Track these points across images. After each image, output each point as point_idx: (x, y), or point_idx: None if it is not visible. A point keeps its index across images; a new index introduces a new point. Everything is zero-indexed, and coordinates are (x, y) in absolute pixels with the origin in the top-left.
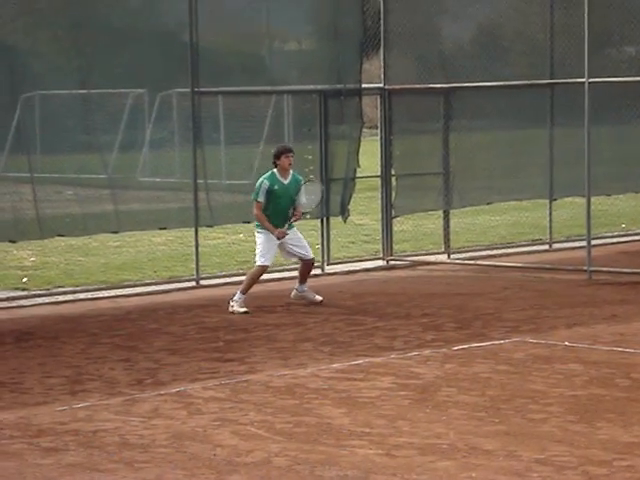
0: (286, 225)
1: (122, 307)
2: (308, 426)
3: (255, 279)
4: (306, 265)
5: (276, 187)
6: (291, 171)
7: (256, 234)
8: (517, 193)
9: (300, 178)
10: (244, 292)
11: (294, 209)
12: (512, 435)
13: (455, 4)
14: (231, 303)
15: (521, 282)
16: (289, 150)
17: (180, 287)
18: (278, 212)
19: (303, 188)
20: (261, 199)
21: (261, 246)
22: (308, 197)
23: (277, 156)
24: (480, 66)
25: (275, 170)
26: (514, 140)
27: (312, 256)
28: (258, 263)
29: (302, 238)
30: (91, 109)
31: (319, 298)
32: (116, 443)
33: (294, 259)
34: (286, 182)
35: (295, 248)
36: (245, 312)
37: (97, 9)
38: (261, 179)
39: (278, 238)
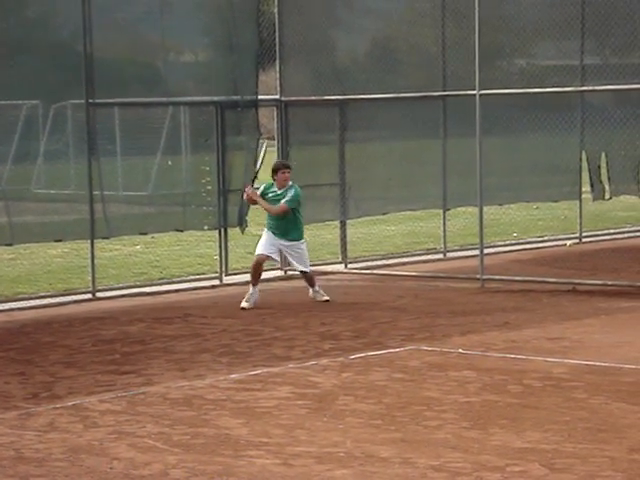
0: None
1: (17, 320)
2: (206, 437)
3: (254, 270)
4: (304, 276)
5: (270, 195)
6: (290, 183)
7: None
8: (412, 203)
9: (295, 187)
10: (254, 284)
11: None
12: (408, 442)
13: (348, 17)
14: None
15: (416, 291)
16: (286, 166)
17: (76, 299)
18: (274, 219)
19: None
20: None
21: (262, 239)
22: None
23: (274, 171)
24: (374, 78)
25: (274, 182)
26: (408, 151)
27: (305, 269)
28: (256, 253)
29: (304, 252)
30: None
31: (326, 297)
32: (11, 457)
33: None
34: (280, 191)
35: (290, 258)
36: (243, 308)
37: None
38: (262, 185)
39: (246, 197)
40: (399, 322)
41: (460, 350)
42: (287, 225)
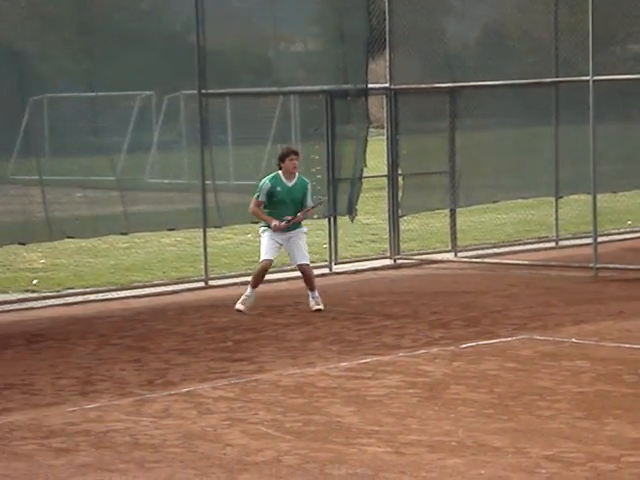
0: (285, 221)
1: (132, 308)
2: (317, 425)
3: (258, 274)
4: (302, 272)
5: (279, 189)
6: (297, 174)
7: (260, 234)
8: (523, 191)
9: (307, 181)
10: (254, 286)
11: (301, 210)
12: (520, 432)
13: (460, 4)
14: (241, 299)
15: (528, 280)
16: (294, 152)
17: (189, 288)
18: (281, 215)
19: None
20: (261, 198)
21: (262, 246)
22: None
23: (281, 158)
24: (485, 65)
25: (280, 172)
26: (520, 138)
27: (304, 261)
28: (260, 260)
29: (304, 245)
30: (99, 111)
31: (319, 306)
32: (127, 443)
33: (293, 264)
34: (290, 184)
35: (291, 250)
36: (238, 310)
37: (105, 12)
38: (264, 179)
39: (274, 230)
40: (511, 311)
41: (573, 339)
42: (293, 214)
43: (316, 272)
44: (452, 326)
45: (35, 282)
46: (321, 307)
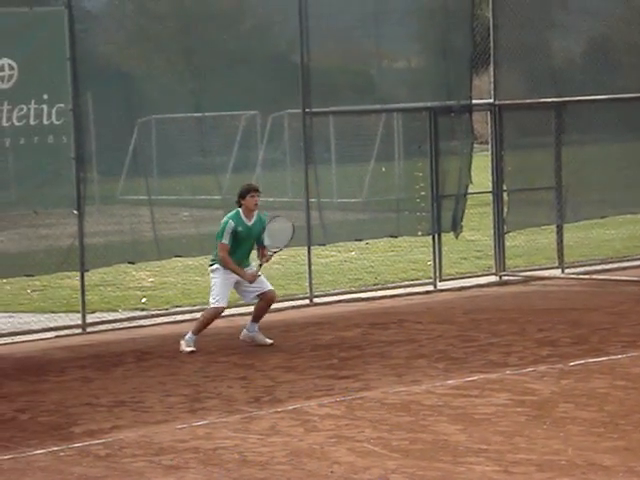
0: (257, 267)
1: (238, 325)
2: (424, 443)
3: (209, 321)
4: (267, 300)
5: (240, 228)
6: (256, 212)
7: (211, 274)
8: (632, 206)
9: (264, 218)
10: (195, 333)
11: (259, 250)
12: (631, 450)
13: (565, 18)
14: (181, 342)
15: (638, 296)
16: (255, 189)
17: (294, 305)
18: (241, 254)
19: (268, 227)
20: (225, 241)
21: (216, 288)
22: (273, 237)
23: (242, 195)
24: (591, 79)
25: (240, 210)
26: (627, 153)
27: (271, 287)
28: (213, 305)
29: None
30: (205, 131)
31: (269, 341)
32: (235, 460)
33: (251, 298)
34: (250, 223)
35: (252, 285)
36: (192, 351)
37: (209, 33)
38: (226, 219)
39: (250, 282)
40: (620, 328)
41: None
42: (248, 256)
43: (421, 289)
44: (560, 344)
45: (144, 300)
46: (271, 342)
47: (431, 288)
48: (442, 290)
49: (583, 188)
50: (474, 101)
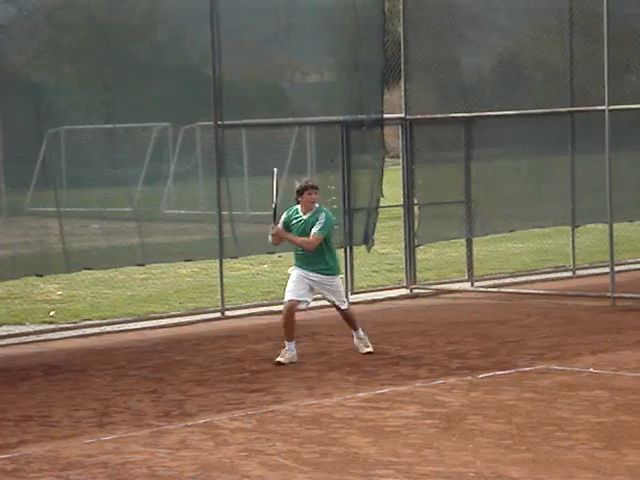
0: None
1: (148, 339)
2: (335, 456)
3: (285, 316)
4: (342, 313)
5: (294, 222)
6: (317, 206)
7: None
8: (539, 220)
9: (323, 213)
10: (288, 340)
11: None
12: (539, 463)
13: (475, 34)
14: (284, 354)
15: (545, 309)
16: (313, 187)
17: (205, 318)
18: (297, 248)
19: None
20: (279, 224)
21: (289, 282)
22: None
23: (300, 192)
24: (501, 95)
25: (298, 207)
26: (536, 168)
27: (345, 306)
28: (285, 299)
29: (339, 288)
30: (116, 143)
31: (367, 349)
32: (144, 475)
33: (328, 300)
34: (305, 217)
35: (328, 295)
36: (279, 363)
37: (122, 44)
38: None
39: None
40: (528, 341)
41: (591, 369)
42: (317, 258)
43: None
44: (469, 356)
45: (52, 314)
46: (372, 350)
47: None
48: (354, 303)
49: (492, 202)
50: (385, 115)
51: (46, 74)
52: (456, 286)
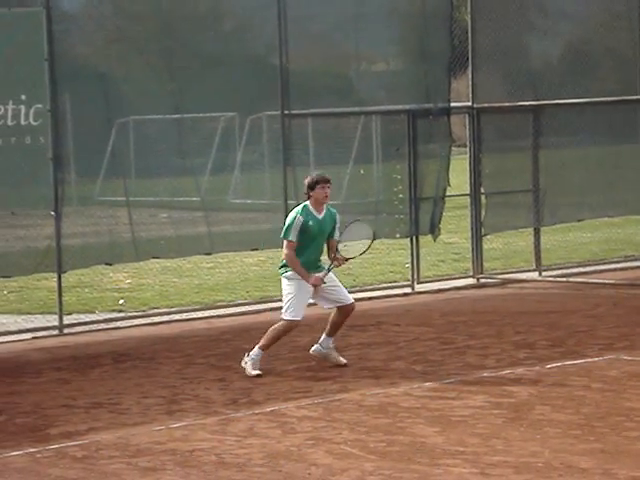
0: (325, 271)
1: (216, 327)
2: (401, 445)
3: (281, 335)
4: (345, 312)
5: (311, 222)
6: (325, 205)
7: (284, 282)
8: (609, 209)
9: (334, 211)
10: (264, 348)
11: (330, 250)
12: (608, 453)
13: (543, 22)
14: (245, 359)
15: (614, 299)
16: (326, 180)
17: (272, 307)
18: (313, 253)
19: (349, 227)
20: (293, 238)
21: (291, 297)
22: (352, 238)
23: (311, 187)
24: (569, 83)
25: (308, 202)
26: (604, 156)
27: (352, 299)
28: (286, 317)
29: (336, 279)
30: (184, 133)
31: (344, 360)
32: (213, 462)
33: (329, 306)
34: (320, 216)
35: (334, 292)
36: (258, 375)
37: (188, 35)
38: (293, 213)
39: (314, 286)
40: (597, 331)
41: None
42: (319, 255)
43: (398, 292)
44: (537, 346)
45: (121, 302)
46: (346, 361)
47: (409, 290)
48: (420, 292)
49: (560, 191)
50: (452, 104)
51: (114, 64)
52: (523, 276)
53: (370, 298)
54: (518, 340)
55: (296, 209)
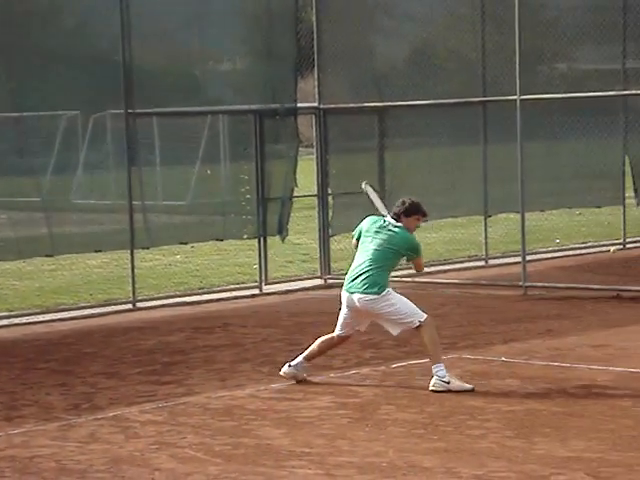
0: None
1: (58, 331)
2: (247, 447)
3: (437, 338)
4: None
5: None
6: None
7: (384, 300)
8: (452, 210)
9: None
10: (440, 360)
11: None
12: (451, 452)
13: (387, 23)
14: (437, 382)
15: (458, 298)
16: (424, 214)
17: (116, 310)
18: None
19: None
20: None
21: (401, 305)
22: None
23: (408, 213)
24: (414, 85)
25: (390, 220)
26: (449, 157)
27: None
28: (419, 319)
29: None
30: (24, 132)
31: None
32: (53, 469)
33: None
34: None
35: (379, 321)
36: (472, 389)
37: (29, 31)
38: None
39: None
40: (441, 330)
41: (503, 358)
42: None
43: (246, 293)
44: (383, 346)
45: None
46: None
47: (257, 292)
48: (268, 294)
49: (405, 192)
50: (299, 104)
51: None
52: None
53: (218, 300)
54: (364, 340)
55: (408, 231)
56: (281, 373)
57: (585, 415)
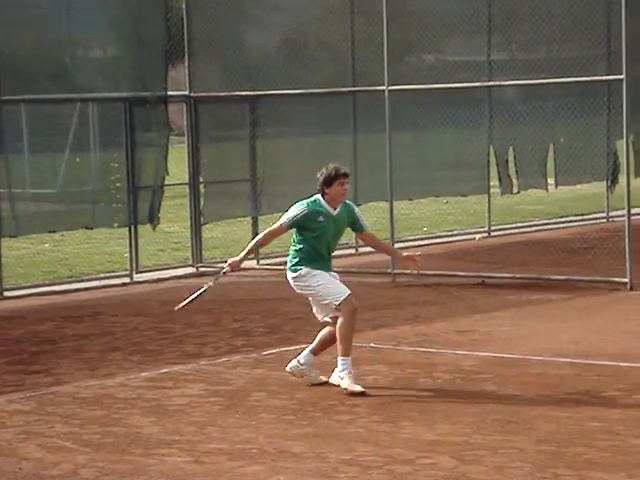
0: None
1: None
2: (116, 436)
3: (353, 325)
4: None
5: (321, 218)
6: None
7: (302, 281)
8: None
9: (351, 205)
10: (349, 354)
11: (380, 247)
12: (320, 437)
13: (258, 12)
14: (335, 376)
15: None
16: (345, 174)
17: None
18: (320, 251)
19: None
20: (286, 225)
21: (321, 285)
22: None
23: (328, 183)
24: (285, 74)
25: (319, 197)
26: (319, 146)
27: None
28: (339, 300)
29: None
30: None
31: (323, 379)
32: None
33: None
34: (335, 213)
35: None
36: (362, 392)
37: None
38: (300, 205)
39: (231, 270)
40: (312, 317)
41: (372, 344)
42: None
43: (117, 281)
44: (254, 333)
45: None
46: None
47: (127, 280)
48: (139, 282)
49: (277, 181)
50: (170, 92)
51: None
52: (242, 264)
53: (87, 289)
54: (236, 328)
55: (305, 201)
56: (325, 379)
57: (450, 399)
